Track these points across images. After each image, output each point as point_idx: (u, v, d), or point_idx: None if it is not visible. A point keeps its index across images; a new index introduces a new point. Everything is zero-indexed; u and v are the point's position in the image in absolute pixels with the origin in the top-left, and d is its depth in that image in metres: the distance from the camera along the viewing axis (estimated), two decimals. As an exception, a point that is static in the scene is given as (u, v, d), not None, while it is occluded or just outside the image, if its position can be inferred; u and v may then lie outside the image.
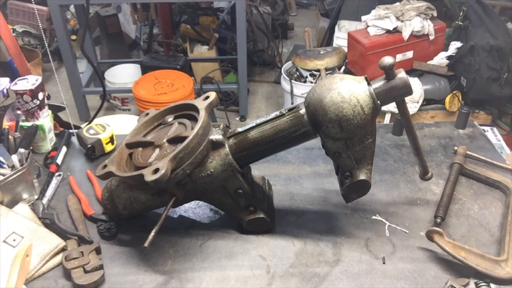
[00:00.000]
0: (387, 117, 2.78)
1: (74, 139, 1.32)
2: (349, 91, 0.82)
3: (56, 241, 0.95)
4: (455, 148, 1.24)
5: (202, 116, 0.89)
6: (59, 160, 1.22)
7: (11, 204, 1.02)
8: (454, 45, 2.83)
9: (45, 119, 1.26)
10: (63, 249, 0.94)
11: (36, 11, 3.88)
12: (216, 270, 0.93)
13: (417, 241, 0.98)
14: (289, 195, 1.12)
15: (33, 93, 1.20)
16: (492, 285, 0.85)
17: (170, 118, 0.99)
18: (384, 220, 1.04)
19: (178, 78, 3.07)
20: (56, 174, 1.18)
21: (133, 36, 4.33)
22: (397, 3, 2.87)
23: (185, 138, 0.86)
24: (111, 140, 1.26)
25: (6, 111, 1.14)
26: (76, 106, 3.40)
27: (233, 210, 0.97)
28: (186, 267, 0.94)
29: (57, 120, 1.43)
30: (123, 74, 3.56)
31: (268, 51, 4.18)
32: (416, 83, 2.73)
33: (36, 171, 1.17)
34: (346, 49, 3.11)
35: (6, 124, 1.16)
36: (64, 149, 1.26)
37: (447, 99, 2.78)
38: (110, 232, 0.99)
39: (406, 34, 2.75)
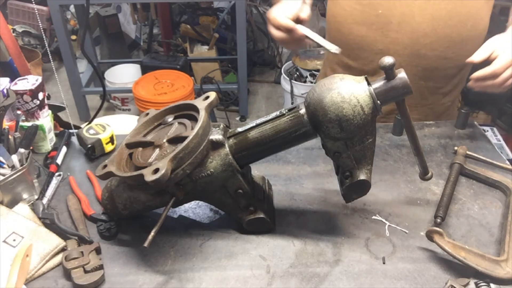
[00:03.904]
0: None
1: (74, 139, 1.32)
2: (349, 91, 0.82)
3: (56, 241, 0.95)
4: (455, 148, 1.24)
5: (202, 116, 0.89)
6: (59, 160, 1.22)
7: (11, 204, 1.02)
8: (454, 45, 2.83)
9: (45, 119, 1.26)
10: (63, 249, 0.94)
11: (36, 11, 3.88)
12: (216, 270, 0.93)
13: (417, 241, 0.98)
14: (289, 195, 1.12)
15: (33, 93, 1.20)
16: (492, 285, 0.85)
17: (170, 118, 0.99)
18: (384, 220, 1.04)
19: (178, 78, 3.07)
20: (56, 174, 1.18)
21: (133, 36, 4.33)
22: (397, 3, 2.87)
23: (185, 138, 0.86)
24: (111, 140, 1.26)
25: (6, 111, 1.14)
26: (76, 106, 3.41)
27: (233, 210, 0.97)
28: (186, 267, 0.94)
29: (57, 120, 1.43)
30: (123, 74, 3.57)
31: (268, 51, 4.18)
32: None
33: (36, 171, 1.17)
34: (346, 49, 3.10)
35: (6, 124, 1.16)
36: (64, 149, 1.26)
37: (447, 99, 2.77)
38: (110, 232, 0.99)
39: (406, 34, 2.74)
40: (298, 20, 1.12)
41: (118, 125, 1.38)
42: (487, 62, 1.12)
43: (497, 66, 1.09)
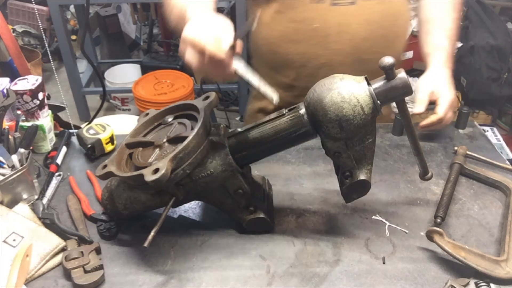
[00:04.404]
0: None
1: (74, 139, 1.32)
2: (349, 91, 0.82)
3: (56, 241, 0.95)
4: (455, 148, 1.24)
5: (202, 116, 0.90)
6: (59, 160, 1.22)
7: (11, 204, 1.02)
8: (454, 45, 2.83)
9: (45, 119, 1.26)
10: (63, 249, 0.94)
11: (36, 11, 3.88)
12: (216, 270, 0.93)
13: (417, 241, 0.98)
14: (289, 195, 1.12)
15: (33, 93, 1.20)
16: (492, 285, 0.85)
17: (170, 118, 0.99)
18: (384, 220, 1.04)
19: (178, 78, 3.07)
20: (56, 174, 1.18)
21: (133, 36, 4.33)
22: (397, 3, 2.87)
23: (185, 138, 0.86)
24: (111, 140, 1.26)
25: (6, 111, 1.14)
26: (76, 106, 3.41)
27: (233, 210, 0.97)
28: (186, 267, 0.94)
29: (57, 120, 1.43)
30: (123, 74, 3.57)
31: (268, 51, 4.17)
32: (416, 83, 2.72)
33: (36, 171, 1.17)
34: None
35: (6, 124, 1.16)
36: (64, 149, 1.26)
37: (447, 99, 2.77)
38: (110, 232, 0.99)
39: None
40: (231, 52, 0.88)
41: (118, 125, 1.37)
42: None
43: (441, 113, 1.18)
